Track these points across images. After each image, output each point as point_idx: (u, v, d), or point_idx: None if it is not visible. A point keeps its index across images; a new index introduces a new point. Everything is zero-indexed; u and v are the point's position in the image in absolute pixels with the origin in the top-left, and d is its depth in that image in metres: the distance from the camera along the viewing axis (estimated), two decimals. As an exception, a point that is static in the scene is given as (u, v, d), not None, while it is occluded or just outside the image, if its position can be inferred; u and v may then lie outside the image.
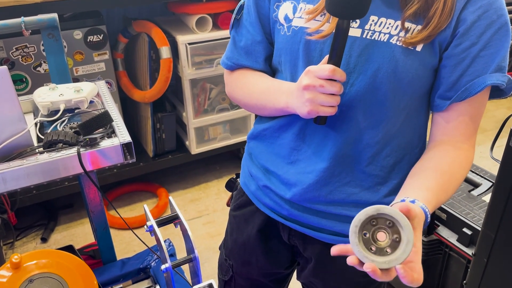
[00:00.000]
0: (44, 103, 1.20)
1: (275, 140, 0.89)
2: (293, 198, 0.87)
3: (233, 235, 1.05)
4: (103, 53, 2.18)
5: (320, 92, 0.71)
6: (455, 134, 0.79)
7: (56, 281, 0.74)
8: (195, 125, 2.33)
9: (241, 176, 1.02)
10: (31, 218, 2.31)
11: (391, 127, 0.80)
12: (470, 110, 0.78)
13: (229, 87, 0.95)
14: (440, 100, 0.78)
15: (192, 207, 2.42)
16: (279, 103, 0.81)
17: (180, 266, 0.66)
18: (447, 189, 0.75)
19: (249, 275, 1.07)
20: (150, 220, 0.67)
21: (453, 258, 1.59)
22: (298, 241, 0.95)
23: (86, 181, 1.21)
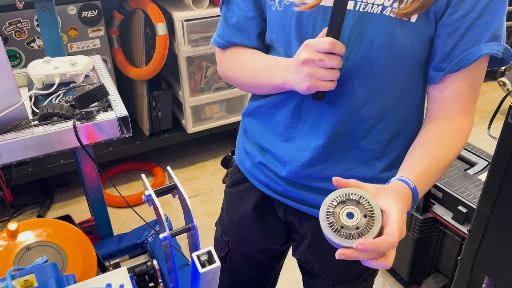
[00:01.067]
0: (39, 76, 1.18)
1: (270, 118, 0.88)
2: (288, 176, 0.86)
3: (228, 212, 1.05)
4: (98, 29, 2.15)
5: (320, 66, 0.69)
6: (451, 107, 0.77)
7: (54, 250, 0.74)
8: (191, 104, 2.31)
9: (236, 153, 1.02)
10: (27, 196, 2.30)
11: (386, 100, 0.79)
12: (467, 81, 0.75)
13: (222, 67, 0.93)
14: (434, 71, 0.77)
15: (188, 186, 2.42)
16: (276, 80, 0.80)
17: (178, 235, 0.66)
18: (438, 158, 0.74)
19: (245, 251, 1.07)
20: (148, 189, 0.67)
21: (448, 235, 1.60)
22: (294, 217, 0.95)
23: (82, 155, 1.20)
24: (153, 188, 0.68)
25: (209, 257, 0.58)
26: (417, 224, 1.61)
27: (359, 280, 1.01)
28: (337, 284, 1.00)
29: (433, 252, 1.68)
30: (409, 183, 0.67)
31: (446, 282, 1.67)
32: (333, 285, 1.01)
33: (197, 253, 0.58)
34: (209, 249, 0.58)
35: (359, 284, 1.01)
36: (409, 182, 0.67)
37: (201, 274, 0.56)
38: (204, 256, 0.58)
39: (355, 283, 1.01)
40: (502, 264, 1.09)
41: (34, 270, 0.56)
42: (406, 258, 1.72)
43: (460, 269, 1.21)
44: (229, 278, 1.14)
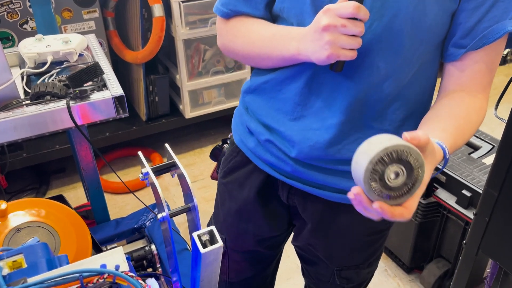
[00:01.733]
0: (31, 54, 1.13)
1: (276, 94, 0.82)
2: (298, 156, 0.81)
3: (225, 205, 1.00)
4: (93, 11, 2.09)
5: (342, 33, 0.65)
6: (470, 84, 0.74)
7: (46, 231, 0.70)
8: (189, 88, 2.26)
9: (235, 134, 0.95)
10: (22, 182, 2.26)
11: (404, 77, 0.75)
12: (486, 59, 0.72)
13: (224, 38, 0.86)
14: (455, 48, 0.73)
15: (186, 172, 2.37)
16: (288, 50, 0.74)
17: (178, 215, 0.62)
18: (464, 133, 0.71)
19: (244, 247, 1.02)
20: (145, 167, 0.63)
21: (451, 220, 1.58)
22: (298, 200, 0.90)
23: (77, 137, 1.16)
24: (150, 168, 0.65)
25: (210, 237, 0.55)
26: (420, 208, 1.58)
27: (365, 264, 0.97)
28: (342, 270, 0.97)
29: (436, 237, 1.66)
30: (446, 152, 0.64)
31: (448, 267, 1.65)
32: (338, 271, 0.97)
33: (198, 232, 0.54)
34: (210, 228, 0.55)
35: (364, 269, 0.98)
36: (446, 150, 0.64)
37: (203, 254, 0.52)
38: (206, 235, 0.54)
39: (360, 268, 0.97)
40: (509, 247, 1.06)
41: (23, 250, 0.52)
42: (408, 243, 1.69)
43: (465, 253, 1.19)
44: (228, 281, 1.09)
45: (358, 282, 1.01)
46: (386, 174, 0.54)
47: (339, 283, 0.99)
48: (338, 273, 0.97)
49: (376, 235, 0.93)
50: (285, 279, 1.77)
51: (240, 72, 2.35)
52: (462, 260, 1.21)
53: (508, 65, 3.43)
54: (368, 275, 1.02)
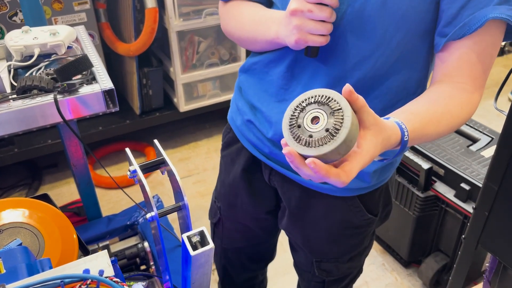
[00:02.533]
0: (17, 47, 1.09)
1: (264, 76, 0.84)
2: (274, 137, 0.82)
3: (221, 177, 1.03)
4: (84, 2, 2.04)
5: (309, 18, 0.64)
6: (457, 74, 0.69)
7: (29, 232, 0.67)
8: (183, 81, 2.23)
9: (229, 111, 0.98)
10: (14, 177, 2.23)
11: (381, 65, 0.73)
12: (476, 48, 0.67)
13: (223, 20, 0.89)
14: (439, 37, 0.69)
15: (181, 166, 2.36)
16: (269, 34, 0.75)
17: (168, 214, 0.59)
18: (439, 121, 0.66)
19: (236, 218, 1.04)
20: (133, 164, 0.60)
21: (449, 214, 1.56)
22: (278, 183, 0.91)
23: (66, 132, 1.12)
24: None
25: (201, 238, 0.52)
26: (418, 202, 1.56)
27: (344, 259, 0.96)
28: (321, 261, 0.96)
29: (434, 230, 1.64)
30: (404, 135, 0.59)
31: (446, 261, 1.63)
32: (317, 262, 0.97)
33: (187, 233, 0.51)
34: (201, 229, 0.52)
35: (345, 264, 0.97)
36: (405, 133, 0.59)
37: (193, 257, 0.50)
38: (196, 237, 0.52)
39: (340, 262, 0.96)
40: (509, 242, 1.04)
41: (1, 255, 0.49)
42: (406, 237, 1.67)
43: (464, 248, 1.17)
44: (222, 246, 1.12)
45: (339, 276, 0.99)
46: (305, 119, 0.50)
47: (318, 274, 0.98)
48: (318, 265, 0.97)
49: (353, 230, 0.91)
50: (282, 274, 1.75)
51: (235, 64, 2.31)
52: (461, 255, 1.19)
53: (506, 56, 3.41)
54: (349, 270, 1.00)
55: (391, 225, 1.74)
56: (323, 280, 1.00)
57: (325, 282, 1.00)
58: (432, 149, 1.58)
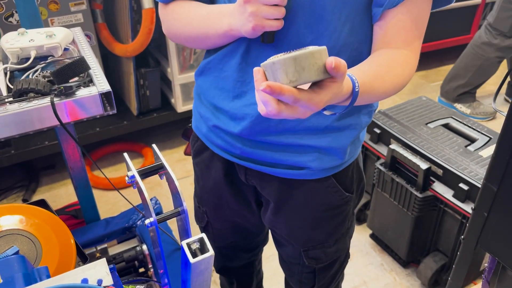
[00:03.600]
0: (13, 49, 1.08)
1: (219, 73, 0.84)
2: (242, 133, 0.83)
3: (199, 183, 1.03)
4: (80, 3, 2.03)
5: (263, 3, 0.66)
6: (394, 41, 0.74)
7: (26, 239, 0.66)
8: (181, 82, 2.22)
9: (193, 120, 0.98)
10: (11, 179, 2.21)
11: (335, 42, 0.75)
12: (409, 14, 0.73)
13: (166, 23, 0.87)
14: (376, 8, 0.74)
15: (179, 166, 2.35)
16: (222, 27, 0.75)
17: (166, 220, 0.59)
18: (384, 78, 0.70)
19: (224, 218, 1.04)
20: (131, 170, 0.59)
21: (448, 214, 1.56)
22: (255, 180, 0.92)
23: (63, 135, 1.12)
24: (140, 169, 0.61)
25: (201, 245, 0.52)
26: (416, 202, 1.56)
27: (330, 242, 0.97)
28: (308, 250, 0.97)
29: (433, 230, 1.64)
30: (355, 85, 0.62)
31: (445, 261, 1.63)
32: (304, 252, 0.98)
33: (187, 241, 0.51)
34: (201, 236, 0.51)
35: (331, 247, 0.98)
36: (356, 84, 0.63)
37: (192, 264, 0.49)
38: (196, 244, 0.51)
39: (326, 246, 0.97)
40: (508, 243, 1.04)
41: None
42: (404, 237, 1.67)
43: (463, 248, 1.17)
44: (215, 245, 1.11)
45: (328, 262, 1.00)
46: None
47: (308, 263, 0.99)
48: (306, 254, 0.98)
49: (334, 211, 0.93)
50: (281, 275, 1.75)
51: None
52: (460, 255, 1.19)
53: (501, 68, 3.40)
54: (337, 253, 1.01)
55: (390, 225, 1.74)
56: (313, 270, 1.01)
57: (315, 271, 1.01)
58: (430, 149, 1.58)
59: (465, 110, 2.71)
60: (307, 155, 0.84)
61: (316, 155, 0.84)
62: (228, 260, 1.18)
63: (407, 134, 1.66)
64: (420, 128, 1.69)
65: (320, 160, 0.84)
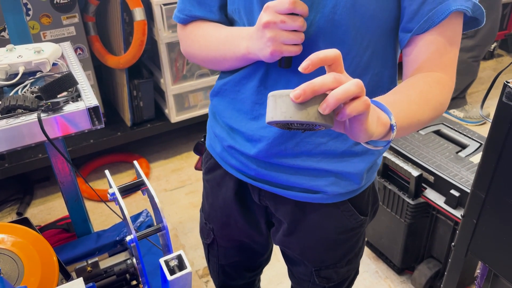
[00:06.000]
0: (1, 65, 1.09)
1: (236, 95, 0.84)
2: (258, 155, 0.82)
3: (209, 199, 1.02)
4: (72, 16, 2.04)
5: (282, 29, 0.65)
6: (428, 65, 0.72)
7: (8, 258, 0.67)
8: (174, 92, 2.23)
9: (206, 138, 0.98)
10: (5, 192, 2.21)
11: (355, 67, 0.75)
12: (441, 39, 0.71)
13: (184, 43, 0.87)
14: (403, 33, 0.73)
15: (174, 177, 2.35)
16: (240, 50, 0.74)
17: (148, 236, 0.59)
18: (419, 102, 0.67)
19: (231, 236, 1.04)
20: (112, 187, 0.60)
21: (440, 220, 1.56)
22: (269, 201, 0.91)
23: (52, 150, 1.12)
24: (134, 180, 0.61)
25: (179, 262, 0.52)
26: (409, 209, 1.56)
27: (342, 263, 0.97)
28: (320, 270, 0.97)
29: (426, 237, 1.64)
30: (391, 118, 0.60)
31: (439, 267, 1.63)
32: (316, 271, 0.97)
33: (165, 258, 0.51)
34: (179, 253, 0.52)
35: (343, 268, 0.98)
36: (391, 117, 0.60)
37: (170, 281, 0.49)
38: (174, 261, 0.51)
39: (338, 267, 0.97)
40: (498, 249, 1.04)
41: (-23, 286, 0.49)
42: (398, 244, 1.67)
43: (454, 256, 1.17)
44: (218, 263, 1.12)
45: (339, 281, 1.00)
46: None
47: (319, 282, 0.99)
48: (317, 273, 0.97)
49: (348, 233, 0.93)
50: (275, 284, 1.75)
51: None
52: (451, 262, 1.19)
53: (495, 60, 3.43)
54: (348, 273, 1.01)
55: (384, 232, 1.74)
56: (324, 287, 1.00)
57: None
58: (421, 156, 1.58)
59: (458, 114, 2.71)
60: (323, 179, 0.83)
61: (332, 179, 0.83)
62: (230, 279, 1.17)
63: (399, 141, 1.67)
64: (412, 135, 1.70)
65: (336, 184, 0.83)
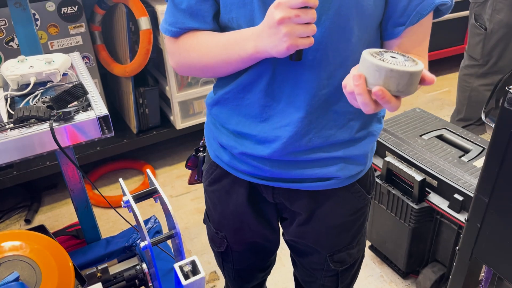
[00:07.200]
0: (13, 76, 1.12)
1: (240, 102, 0.85)
2: (273, 155, 0.84)
3: (217, 209, 1.02)
4: (79, 26, 2.08)
5: (296, 23, 0.67)
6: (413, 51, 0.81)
7: (26, 264, 0.69)
8: (179, 99, 2.26)
9: (210, 150, 0.98)
10: (13, 200, 2.24)
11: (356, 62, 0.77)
12: (422, 30, 0.81)
13: (177, 56, 0.86)
14: (396, 27, 0.80)
15: (179, 183, 2.37)
16: (246, 51, 0.75)
17: (161, 243, 0.61)
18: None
19: (244, 240, 1.06)
20: (126, 195, 0.62)
21: (444, 224, 1.57)
22: (283, 198, 0.94)
23: (63, 158, 1.15)
24: (142, 187, 0.64)
25: (193, 267, 0.54)
26: (413, 214, 1.58)
27: (353, 244, 1.01)
28: (333, 254, 1.00)
29: (430, 241, 1.65)
30: None
31: (444, 271, 1.64)
32: (330, 256, 1.00)
33: (179, 263, 0.53)
34: (192, 258, 0.54)
35: (354, 248, 1.02)
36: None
37: (185, 286, 0.52)
38: (188, 266, 0.53)
39: (349, 248, 1.01)
40: (502, 253, 1.06)
41: (0, 291, 0.51)
42: (402, 248, 1.69)
43: (458, 259, 1.18)
44: (233, 268, 1.14)
45: (351, 263, 1.04)
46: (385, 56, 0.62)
47: (334, 267, 1.02)
48: (331, 258, 1.00)
49: (357, 214, 0.97)
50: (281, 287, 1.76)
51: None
52: (456, 266, 1.20)
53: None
54: (358, 253, 1.05)
55: (388, 236, 1.76)
56: (336, 272, 1.03)
57: (338, 273, 1.04)
58: (424, 161, 1.60)
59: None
60: (334, 166, 0.87)
61: (342, 164, 0.87)
62: (246, 282, 1.19)
63: (402, 147, 1.68)
64: (415, 140, 1.72)
65: (346, 168, 0.88)
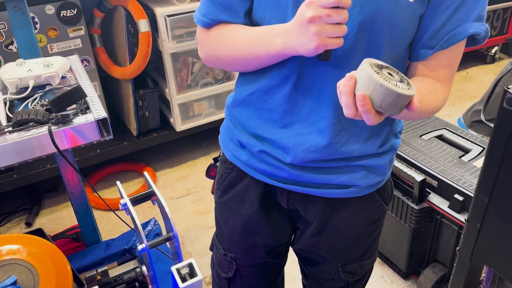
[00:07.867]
0: (12, 79, 1.12)
1: (262, 105, 0.84)
2: (293, 162, 0.83)
3: (228, 223, 0.99)
4: (78, 29, 2.08)
5: (327, 22, 0.66)
6: (434, 76, 0.81)
7: (24, 268, 0.69)
8: (179, 101, 2.26)
9: (226, 151, 0.96)
10: (14, 203, 2.24)
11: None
12: (450, 57, 0.79)
13: (206, 46, 0.86)
14: (424, 49, 0.79)
15: (179, 185, 2.37)
16: (274, 47, 0.74)
17: (159, 245, 0.61)
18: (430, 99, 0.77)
19: (253, 261, 1.03)
20: (124, 198, 0.62)
21: (445, 224, 1.57)
22: (298, 203, 0.91)
23: (62, 161, 1.15)
24: (142, 190, 0.64)
25: (190, 270, 0.54)
26: (413, 214, 1.57)
27: (366, 256, 0.99)
28: (346, 264, 0.98)
29: (431, 242, 1.65)
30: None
31: (444, 272, 1.64)
32: (342, 266, 0.99)
33: (177, 266, 0.53)
34: (189, 261, 0.54)
35: (366, 260, 1.00)
36: None
37: (182, 289, 0.51)
38: (185, 269, 0.53)
39: (363, 259, 0.99)
40: (502, 253, 1.05)
41: (-3, 294, 0.51)
42: (403, 249, 1.68)
43: (459, 260, 1.18)
44: None
45: (362, 274, 1.02)
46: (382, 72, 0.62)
47: (345, 278, 1.00)
48: (343, 268, 0.99)
49: (373, 225, 0.96)
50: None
51: (229, 83, 2.35)
52: (456, 266, 1.20)
53: (497, 64, 3.44)
54: (370, 265, 1.04)
55: (388, 237, 1.75)
56: (347, 283, 1.02)
57: (348, 285, 1.02)
58: (424, 161, 1.60)
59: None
60: (356, 173, 0.86)
61: (364, 172, 0.86)
62: None
63: (402, 147, 1.68)
64: (415, 140, 1.71)
65: (367, 177, 0.87)
